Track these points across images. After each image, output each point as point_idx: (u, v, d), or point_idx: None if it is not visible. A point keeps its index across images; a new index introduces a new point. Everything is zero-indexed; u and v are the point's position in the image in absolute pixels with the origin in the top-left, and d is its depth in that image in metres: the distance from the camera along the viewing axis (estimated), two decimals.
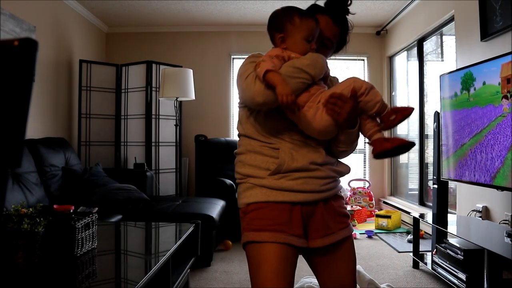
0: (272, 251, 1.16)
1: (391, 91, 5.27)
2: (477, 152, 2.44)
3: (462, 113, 2.61)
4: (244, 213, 1.24)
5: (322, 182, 1.23)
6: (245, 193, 1.24)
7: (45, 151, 3.12)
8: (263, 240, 1.16)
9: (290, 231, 1.18)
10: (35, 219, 1.40)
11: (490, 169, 2.32)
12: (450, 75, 2.79)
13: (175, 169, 4.41)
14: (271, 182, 1.20)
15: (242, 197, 1.25)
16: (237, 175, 1.30)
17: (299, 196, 1.20)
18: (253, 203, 1.21)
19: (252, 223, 1.20)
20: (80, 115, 4.26)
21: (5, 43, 0.52)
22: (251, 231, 1.19)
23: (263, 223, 1.18)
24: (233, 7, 4.57)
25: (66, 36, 4.21)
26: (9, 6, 3.08)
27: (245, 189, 1.24)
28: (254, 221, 1.20)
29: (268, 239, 1.16)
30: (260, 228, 1.18)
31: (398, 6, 4.46)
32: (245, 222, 1.23)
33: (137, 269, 1.54)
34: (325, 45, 1.31)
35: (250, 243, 1.20)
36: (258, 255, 1.17)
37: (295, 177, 1.20)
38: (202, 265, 2.97)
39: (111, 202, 3.11)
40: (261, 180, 1.21)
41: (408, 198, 4.78)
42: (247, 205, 1.22)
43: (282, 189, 1.19)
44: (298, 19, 1.23)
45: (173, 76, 3.98)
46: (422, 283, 2.65)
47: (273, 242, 1.16)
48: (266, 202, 1.19)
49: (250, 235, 1.19)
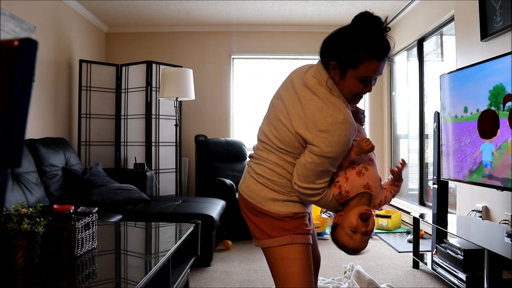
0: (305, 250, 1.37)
1: (391, 91, 5.27)
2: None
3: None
4: (290, 218, 1.36)
5: None
6: (287, 203, 1.36)
7: (45, 151, 3.12)
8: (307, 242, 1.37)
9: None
10: (35, 219, 1.40)
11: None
12: (450, 75, 2.79)
13: (175, 169, 4.40)
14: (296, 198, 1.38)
15: (283, 205, 1.36)
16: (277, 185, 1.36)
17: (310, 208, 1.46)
18: (299, 213, 1.38)
19: (300, 227, 1.36)
20: (80, 115, 4.26)
21: (5, 43, 0.52)
22: (299, 235, 1.35)
23: (307, 228, 1.38)
24: (233, 7, 4.57)
25: (66, 36, 4.21)
26: (9, 6, 3.08)
27: (287, 200, 1.36)
28: (302, 226, 1.37)
29: (308, 241, 1.38)
30: (305, 232, 1.37)
31: (398, 6, 4.46)
32: (291, 225, 1.35)
33: (137, 269, 1.54)
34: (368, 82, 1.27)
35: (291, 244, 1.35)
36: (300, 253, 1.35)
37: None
38: (202, 265, 2.97)
39: (111, 202, 3.11)
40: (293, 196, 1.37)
41: (408, 198, 4.78)
42: (294, 213, 1.37)
43: (305, 204, 1.40)
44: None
45: (173, 76, 3.98)
46: (422, 283, 2.65)
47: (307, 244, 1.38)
48: (303, 212, 1.39)
49: (300, 238, 1.35)
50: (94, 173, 3.44)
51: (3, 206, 0.58)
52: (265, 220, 1.36)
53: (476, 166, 2.47)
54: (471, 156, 2.51)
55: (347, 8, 4.52)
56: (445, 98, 2.83)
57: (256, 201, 1.37)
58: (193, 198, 3.62)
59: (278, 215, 1.35)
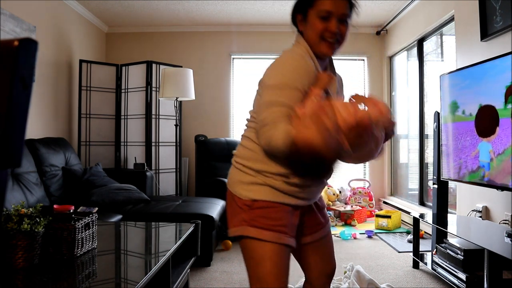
0: (274, 250, 1.22)
1: (391, 91, 5.27)
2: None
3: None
4: (248, 206, 1.24)
5: (320, 190, 1.37)
6: (251, 186, 1.24)
7: (45, 151, 3.12)
8: (265, 239, 1.21)
9: (290, 233, 1.26)
10: (35, 219, 1.40)
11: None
12: (450, 75, 2.79)
13: (175, 169, 4.40)
14: (280, 185, 1.23)
15: (245, 188, 1.25)
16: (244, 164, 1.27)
17: (301, 201, 1.29)
18: (261, 200, 1.23)
19: (257, 220, 1.22)
20: (80, 115, 4.26)
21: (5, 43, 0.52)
22: (254, 227, 1.22)
23: (268, 223, 1.22)
24: (233, 7, 4.57)
25: (66, 36, 4.21)
26: (9, 6, 3.08)
27: (252, 183, 1.24)
28: (259, 219, 1.22)
29: (270, 239, 1.21)
30: (265, 227, 1.21)
31: (398, 6, 4.46)
32: (248, 216, 1.24)
33: (137, 269, 1.54)
34: (342, 20, 1.25)
35: (250, 238, 1.23)
36: (261, 252, 1.22)
37: (305, 189, 1.29)
38: (202, 265, 2.97)
39: (111, 202, 3.11)
40: (271, 180, 1.23)
41: (408, 198, 4.78)
42: (253, 201, 1.24)
43: (288, 193, 1.24)
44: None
45: (173, 76, 3.98)
46: (422, 283, 2.65)
47: (275, 242, 1.22)
48: (274, 202, 1.23)
49: (252, 231, 1.22)
50: (94, 173, 3.44)
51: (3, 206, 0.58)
52: (231, 205, 1.29)
53: (474, 167, 2.47)
54: (470, 156, 2.51)
55: None
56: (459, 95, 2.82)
57: (229, 185, 1.32)
58: (193, 198, 3.62)
59: (240, 200, 1.25)
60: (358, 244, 3.66)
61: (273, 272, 1.21)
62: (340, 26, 1.24)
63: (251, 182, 1.25)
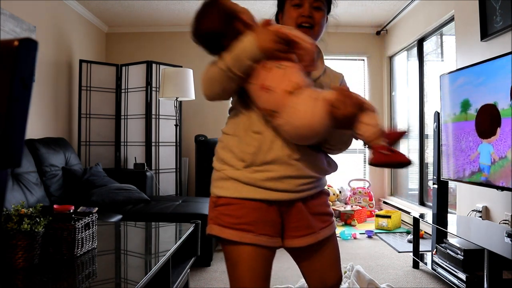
0: (247, 251, 1.14)
1: (391, 91, 5.27)
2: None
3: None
4: (214, 203, 1.21)
5: (300, 182, 1.17)
6: (217, 182, 1.21)
7: (45, 151, 3.12)
8: (231, 238, 1.14)
9: (259, 231, 1.15)
10: (35, 219, 1.40)
11: None
12: (450, 75, 2.79)
13: (175, 169, 4.41)
14: (244, 176, 1.14)
15: (214, 185, 1.22)
16: (215, 157, 1.25)
17: (273, 194, 1.15)
18: (223, 197, 1.17)
19: (220, 218, 1.17)
20: (80, 115, 4.26)
21: (5, 43, 0.52)
22: (217, 225, 1.17)
23: (230, 221, 1.15)
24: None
25: (66, 36, 4.21)
26: (9, 6, 3.08)
27: (218, 178, 1.21)
28: (222, 217, 1.17)
29: (232, 237, 1.14)
30: (226, 225, 1.15)
31: (398, 6, 4.46)
32: (213, 213, 1.20)
33: (137, 269, 1.54)
34: (315, 7, 1.24)
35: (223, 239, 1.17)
36: (234, 253, 1.17)
37: (271, 175, 1.14)
38: (202, 265, 2.97)
39: (111, 202, 3.11)
40: (234, 172, 1.16)
41: (408, 198, 4.78)
42: (217, 197, 1.19)
43: (255, 185, 1.14)
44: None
45: (173, 76, 3.98)
46: (422, 283, 2.65)
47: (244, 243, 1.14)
48: (236, 199, 1.15)
49: (216, 229, 1.17)
50: (94, 173, 3.44)
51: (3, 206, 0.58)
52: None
53: (473, 170, 2.47)
54: (469, 158, 2.51)
55: (347, 8, 4.51)
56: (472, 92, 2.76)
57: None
58: (193, 198, 3.62)
59: (211, 197, 1.23)
60: (358, 244, 3.66)
61: (245, 275, 1.15)
62: (313, 12, 1.24)
63: (218, 178, 1.21)
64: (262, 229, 1.15)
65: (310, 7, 1.23)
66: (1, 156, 0.52)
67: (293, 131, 1.06)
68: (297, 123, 1.04)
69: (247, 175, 1.14)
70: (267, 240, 1.16)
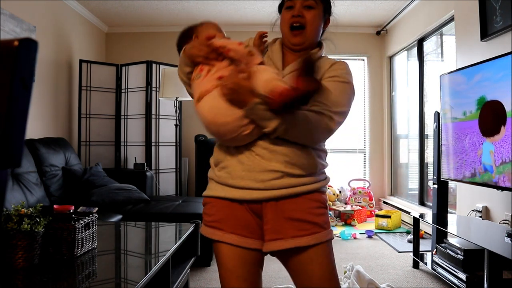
0: (222, 249, 1.17)
1: (391, 91, 5.27)
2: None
3: None
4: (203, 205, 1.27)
5: (262, 177, 1.09)
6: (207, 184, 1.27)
7: (45, 151, 3.12)
8: (207, 236, 1.20)
9: (229, 229, 1.14)
10: (35, 219, 1.40)
11: None
12: (450, 75, 2.79)
13: (175, 169, 4.41)
14: (215, 175, 1.21)
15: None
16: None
17: (237, 192, 1.12)
18: (204, 196, 1.25)
19: (203, 216, 1.24)
20: (80, 115, 4.26)
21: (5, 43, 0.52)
22: (202, 225, 1.24)
23: (207, 219, 1.21)
24: (233, 7, 4.57)
25: (66, 36, 4.21)
26: (9, 6, 3.08)
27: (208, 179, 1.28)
28: (204, 216, 1.24)
29: (206, 234, 1.20)
30: (206, 224, 1.21)
31: (398, 6, 4.46)
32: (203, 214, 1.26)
33: (137, 269, 1.54)
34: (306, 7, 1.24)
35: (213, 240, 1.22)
36: (215, 252, 1.21)
37: (230, 170, 1.14)
38: (202, 265, 2.97)
39: (111, 202, 3.11)
40: (211, 171, 1.25)
41: (408, 198, 4.78)
42: (204, 197, 1.26)
43: (222, 183, 1.17)
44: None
45: (173, 76, 3.98)
46: (422, 283, 2.65)
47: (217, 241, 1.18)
48: (210, 197, 1.21)
49: (201, 228, 1.24)
50: (94, 173, 3.44)
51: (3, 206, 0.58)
52: None
53: (475, 170, 2.47)
54: (472, 157, 2.51)
55: (347, 8, 4.51)
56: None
57: None
58: (193, 198, 3.62)
59: None
60: (358, 244, 3.66)
61: (222, 273, 1.18)
62: (303, 11, 1.24)
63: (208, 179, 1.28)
64: (232, 228, 1.14)
65: (301, 6, 1.24)
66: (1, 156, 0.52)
67: (210, 131, 1.16)
68: (205, 124, 1.14)
69: (217, 173, 1.21)
70: (239, 240, 1.13)
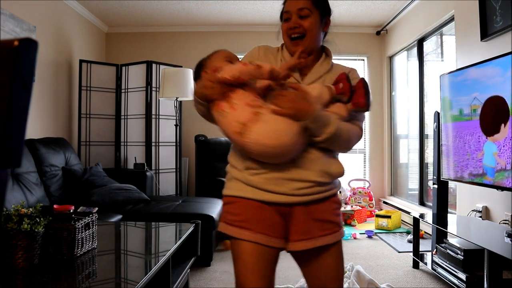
0: (245, 247, 1.19)
1: (391, 91, 5.27)
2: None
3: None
4: (223, 202, 1.28)
5: (299, 185, 1.18)
6: (227, 183, 1.28)
7: (45, 151, 3.12)
8: (231, 235, 1.21)
9: (257, 229, 1.18)
10: (35, 219, 1.40)
11: None
12: (450, 75, 2.79)
13: (175, 169, 4.40)
14: (244, 177, 1.21)
15: (225, 186, 1.29)
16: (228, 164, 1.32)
17: (269, 196, 1.18)
18: (227, 196, 1.25)
19: (225, 216, 1.25)
20: (80, 115, 4.26)
21: (5, 43, 0.52)
22: (223, 223, 1.24)
23: (232, 218, 1.22)
24: (233, 7, 4.57)
25: (66, 36, 4.21)
26: (9, 6, 3.08)
27: (228, 179, 1.28)
28: (226, 215, 1.25)
29: (232, 233, 1.21)
30: (230, 223, 1.22)
31: (398, 6, 4.46)
32: (222, 212, 1.29)
33: (137, 269, 1.54)
34: (302, 16, 1.27)
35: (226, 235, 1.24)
36: (235, 250, 1.23)
37: (268, 177, 1.17)
38: (202, 265, 2.97)
39: (111, 202, 3.11)
40: (237, 173, 1.23)
41: (408, 198, 4.78)
42: (224, 196, 1.27)
43: (253, 185, 1.19)
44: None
45: (173, 76, 3.98)
46: (422, 283, 2.65)
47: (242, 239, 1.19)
48: (237, 197, 1.22)
49: (221, 226, 1.25)
50: (94, 173, 3.44)
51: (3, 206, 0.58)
52: None
53: (477, 171, 2.46)
54: (472, 156, 2.50)
55: (347, 8, 4.52)
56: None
57: None
58: (193, 198, 3.62)
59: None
60: (358, 244, 3.66)
61: (241, 270, 1.20)
62: (299, 21, 1.27)
63: (227, 179, 1.29)
64: (260, 228, 1.18)
65: (297, 17, 1.28)
66: (1, 156, 0.52)
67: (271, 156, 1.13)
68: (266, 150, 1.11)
69: (247, 176, 1.20)
70: (265, 239, 1.18)
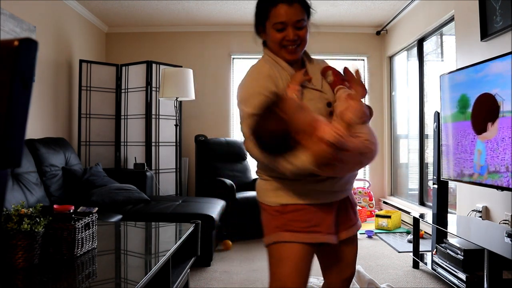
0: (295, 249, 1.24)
1: (391, 91, 5.27)
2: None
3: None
4: (279, 212, 1.27)
5: (346, 181, 1.32)
6: (278, 192, 1.27)
7: (45, 151, 3.12)
8: (302, 241, 1.24)
9: (325, 231, 1.27)
10: (35, 219, 1.40)
11: None
12: (450, 75, 2.79)
13: (175, 169, 4.40)
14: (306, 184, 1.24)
15: (273, 195, 1.28)
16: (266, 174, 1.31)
17: (330, 197, 1.28)
18: (290, 204, 1.25)
19: (290, 224, 1.25)
20: (80, 115, 4.26)
21: (5, 43, 0.52)
22: (289, 232, 1.25)
23: (302, 225, 1.25)
24: (233, 7, 4.57)
25: (66, 36, 4.21)
26: (9, 6, 3.08)
27: (278, 188, 1.27)
28: (292, 223, 1.25)
29: (306, 240, 1.24)
30: (299, 230, 1.24)
31: (398, 6, 4.46)
32: (280, 221, 1.27)
33: (137, 269, 1.54)
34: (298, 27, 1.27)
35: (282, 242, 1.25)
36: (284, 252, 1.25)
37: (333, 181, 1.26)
38: (202, 265, 2.97)
39: (111, 202, 3.11)
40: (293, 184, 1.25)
41: (408, 198, 4.78)
42: (282, 205, 1.26)
43: (321, 190, 1.25)
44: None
45: (173, 76, 3.98)
46: (422, 283, 2.65)
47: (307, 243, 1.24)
48: (302, 204, 1.25)
49: (287, 236, 1.25)
50: (94, 173, 3.44)
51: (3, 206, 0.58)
52: (264, 216, 1.33)
53: (473, 170, 2.47)
54: (471, 156, 2.51)
55: (347, 8, 4.52)
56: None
57: (258, 197, 1.35)
58: (193, 198, 3.62)
59: (270, 207, 1.29)
60: (358, 244, 3.65)
61: (286, 273, 1.24)
62: (297, 32, 1.27)
63: (277, 188, 1.27)
64: (328, 229, 1.27)
65: (294, 29, 1.26)
66: (1, 156, 0.52)
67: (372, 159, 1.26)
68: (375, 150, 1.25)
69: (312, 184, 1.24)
70: (334, 238, 1.29)
